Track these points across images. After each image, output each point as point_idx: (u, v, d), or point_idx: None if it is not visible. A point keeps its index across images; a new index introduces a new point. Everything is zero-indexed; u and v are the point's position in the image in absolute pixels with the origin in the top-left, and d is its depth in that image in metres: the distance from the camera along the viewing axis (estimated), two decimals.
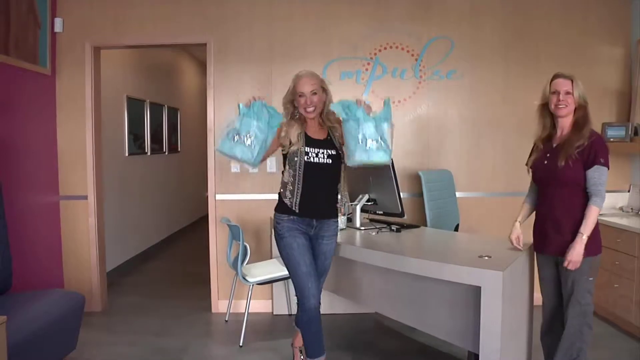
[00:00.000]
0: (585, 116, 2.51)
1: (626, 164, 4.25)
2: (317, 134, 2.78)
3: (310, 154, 2.69)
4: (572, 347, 2.51)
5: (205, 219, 4.62)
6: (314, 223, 2.78)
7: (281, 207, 2.78)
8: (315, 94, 2.68)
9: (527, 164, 2.74)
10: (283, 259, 2.79)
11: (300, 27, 4.15)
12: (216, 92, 4.19)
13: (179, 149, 7.64)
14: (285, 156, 2.77)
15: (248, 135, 2.61)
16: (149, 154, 6.36)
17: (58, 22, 4.10)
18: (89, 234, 4.22)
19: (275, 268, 3.72)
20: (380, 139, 2.58)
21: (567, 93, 2.49)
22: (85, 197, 4.20)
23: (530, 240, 2.76)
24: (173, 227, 7.30)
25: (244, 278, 3.59)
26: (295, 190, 2.70)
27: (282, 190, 2.78)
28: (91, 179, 4.20)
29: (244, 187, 4.20)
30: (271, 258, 4.02)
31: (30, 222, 3.82)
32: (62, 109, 4.18)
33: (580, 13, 4.18)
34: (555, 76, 2.56)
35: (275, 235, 2.80)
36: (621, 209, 4.18)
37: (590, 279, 2.48)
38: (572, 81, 2.50)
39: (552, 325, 2.67)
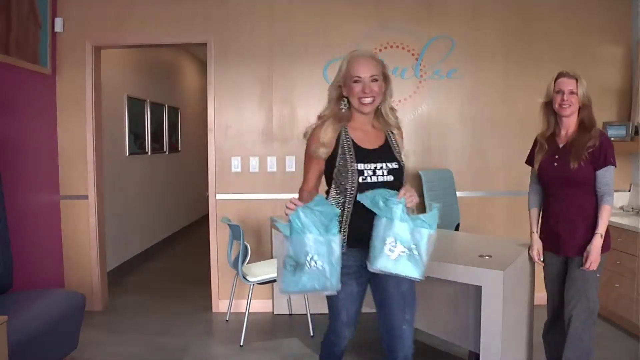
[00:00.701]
0: (591, 116, 2.50)
1: (627, 164, 4.24)
2: (371, 140, 2.15)
3: (365, 173, 2.05)
4: (582, 347, 2.49)
5: (205, 218, 4.62)
6: None
7: None
8: (375, 80, 2.08)
9: (527, 162, 2.73)
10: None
11: (301, 26, 4.15)
12: (216, 91, 4.19)
13: (180, 149, 7.64)
14: (329, 174, 2.12)
15: (309, 258, 1.93)
16: (149, 153, 6.36)
17: (58, 21, 4.10)
18: (90, 233, 4.23)
19: (275, 268, 3.71)
20: (415, 248, 1.94)
21: (572, 93, 2.46)
22: (86, 197, 4.20)
23: (527, 238, 2.75)
24: (173, 226, 7.30)
25: (245, 278, 3.59)
26: (345, 219, 2.07)
27: None
28: (92, 178, 4.20)
29: (244, 186, 4.19)
30: (272, 258, 4.02)
31: (30, 221, 3.82)
32: (63, 109, 4.18)
33: (581, 12, 4.17)
34: (560, 75, 2.52)
35: None
36: (622, 208, 4.18)
37: (598, 275, 2.49)
38: (576, 80, 2.47)
39: (556, 323, 2.66)
